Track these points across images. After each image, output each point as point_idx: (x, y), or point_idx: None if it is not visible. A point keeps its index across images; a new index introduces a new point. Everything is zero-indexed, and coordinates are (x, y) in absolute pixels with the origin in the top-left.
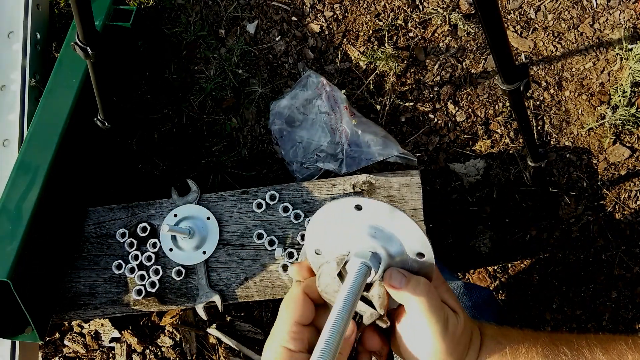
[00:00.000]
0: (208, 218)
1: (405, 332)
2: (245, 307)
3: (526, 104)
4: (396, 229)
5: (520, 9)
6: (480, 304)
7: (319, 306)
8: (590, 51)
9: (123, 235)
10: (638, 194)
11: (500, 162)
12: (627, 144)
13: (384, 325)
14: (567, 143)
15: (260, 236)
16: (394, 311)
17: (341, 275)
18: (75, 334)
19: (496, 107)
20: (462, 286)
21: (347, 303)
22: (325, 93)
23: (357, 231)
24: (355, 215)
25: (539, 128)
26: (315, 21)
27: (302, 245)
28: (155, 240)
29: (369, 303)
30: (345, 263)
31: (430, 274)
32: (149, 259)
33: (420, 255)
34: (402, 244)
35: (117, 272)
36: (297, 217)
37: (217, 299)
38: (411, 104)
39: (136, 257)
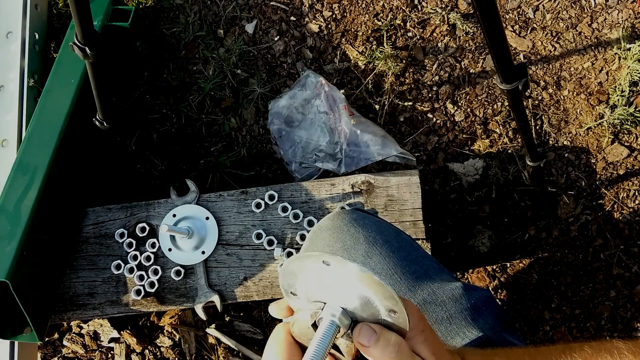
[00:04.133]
0: (207, 218)
1: None
2: (245, 307)
3: (525, 103)
4: (365, 287)
5: (519, 9)
6: (480, 305)
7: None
8: (589, 51)
9: (122, 235)
10: (637, 193)
11: (499, 162)
12: (626, 144)
13: None
14: (565, 142)
15: (259, 236)
16: None
17: (315, 325)
18: (74, 335)
19: (495, 106)
20: (461, 287)
21: None
22: (324, 93)
23: (330, 281)
24: (325, 268)
25: (537, 127)
26: (314, 21)
27: (301, 244)
28: (154, 240)
29: (336, 348)
30: (318, 315)
31: (404, 329)
32: (147, 259)
33: (393, 312)
34: (373, 301)
35: (116, 272)
36: (296, 216)
37: (216, 299)
38: (410, 103)
39: (135, 257)
